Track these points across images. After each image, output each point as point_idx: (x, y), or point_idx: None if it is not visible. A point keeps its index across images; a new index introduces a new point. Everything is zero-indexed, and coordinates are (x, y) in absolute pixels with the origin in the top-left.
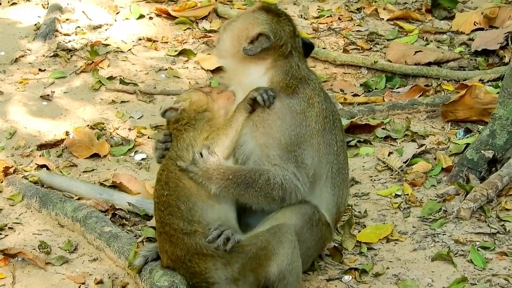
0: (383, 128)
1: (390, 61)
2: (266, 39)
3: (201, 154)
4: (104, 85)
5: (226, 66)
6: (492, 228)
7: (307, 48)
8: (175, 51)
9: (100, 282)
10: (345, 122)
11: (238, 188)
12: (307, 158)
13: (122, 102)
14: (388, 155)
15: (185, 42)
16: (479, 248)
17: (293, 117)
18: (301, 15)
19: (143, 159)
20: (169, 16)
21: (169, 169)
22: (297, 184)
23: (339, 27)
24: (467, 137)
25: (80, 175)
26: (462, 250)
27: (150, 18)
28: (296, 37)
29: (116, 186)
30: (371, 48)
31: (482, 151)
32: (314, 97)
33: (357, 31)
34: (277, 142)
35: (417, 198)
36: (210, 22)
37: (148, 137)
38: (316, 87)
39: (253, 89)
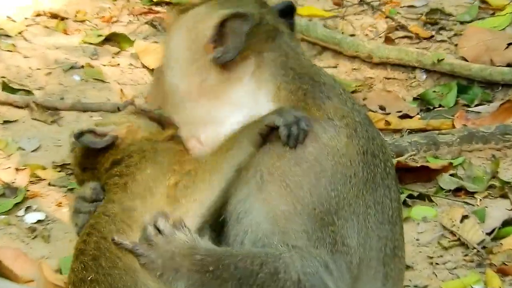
0: (451, 175)
1: (465, 59)
2: (242, 20)
3: (157, 228)
4: None
5: (191, 112)
6: None
7: (284, 14)
8: (99, 36)
9: None
10: None
11: (225, 285)
12: (350, 235)
13: (6, 122)
14: (461, 221)
15: (116, 21)
16: None
17: (334, 163)
18: None
19: (39, 221)
20: None
21: (102, 234)
22: (328, 282)
23: (379, 0)
24: None
25: None
26: None
27: None
28: (267, 5)
29: None
30: (432, 36)
31: None
32: (349, 114)
33: (408, 6)
34: (307, 211)
35: None
36: None
37: (50, 184)
38: (342, 96)
39: (274, 110)
